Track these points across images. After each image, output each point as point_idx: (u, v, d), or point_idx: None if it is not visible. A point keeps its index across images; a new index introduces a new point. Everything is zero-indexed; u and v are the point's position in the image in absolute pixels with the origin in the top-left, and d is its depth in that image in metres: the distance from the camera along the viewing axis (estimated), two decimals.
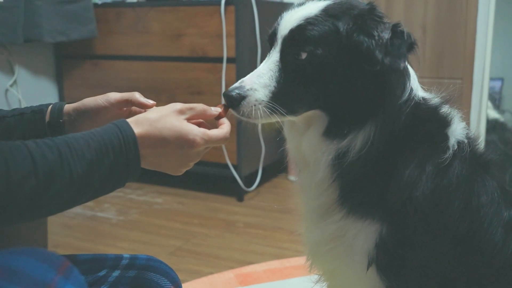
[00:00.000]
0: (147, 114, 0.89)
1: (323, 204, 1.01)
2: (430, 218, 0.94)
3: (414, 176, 0.94)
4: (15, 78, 2.91)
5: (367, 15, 0.93)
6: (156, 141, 0.86)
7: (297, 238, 2.36)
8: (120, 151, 0.82)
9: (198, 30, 2.73)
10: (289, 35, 0.96)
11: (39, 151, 0.73)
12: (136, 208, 2.73)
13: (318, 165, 0.98)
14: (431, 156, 0.95)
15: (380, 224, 0.95)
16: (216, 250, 2.25)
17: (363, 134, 0.93)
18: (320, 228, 1.02)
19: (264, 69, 0.97)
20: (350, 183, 0.97)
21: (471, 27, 2.87)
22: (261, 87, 0.96)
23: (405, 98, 0.95)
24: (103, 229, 2.49)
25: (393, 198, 0.94)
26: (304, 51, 0.93)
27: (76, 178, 0.76)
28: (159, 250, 2.25)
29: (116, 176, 0.82)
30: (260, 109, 0.95)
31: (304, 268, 1.29)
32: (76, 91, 3.16)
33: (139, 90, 0.93)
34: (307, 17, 0.95)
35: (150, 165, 0.90)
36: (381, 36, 0.89)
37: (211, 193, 2.92)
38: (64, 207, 0.78)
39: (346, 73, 0.92)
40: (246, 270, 2.01)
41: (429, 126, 0.98)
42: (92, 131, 0.82)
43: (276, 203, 2.78)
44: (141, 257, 1.09)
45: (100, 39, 3.02)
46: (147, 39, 2.89)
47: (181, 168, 0.93)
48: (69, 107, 1.01)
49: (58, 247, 2.28)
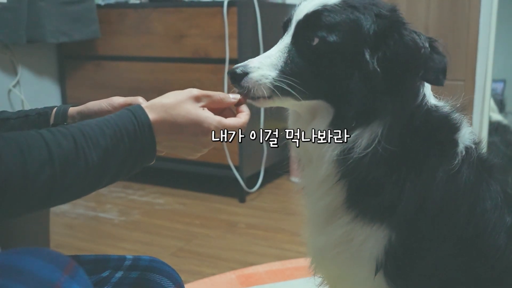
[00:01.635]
0: (162, 99, 0.88)
1: (328, 206, 0.99)
2: (439, 224, 0.94)
3: (425, 183, 0.93)
4: (18, 78, 2.92)
5: (400, 20, 0.92)
6: (170, 128, 0.86)
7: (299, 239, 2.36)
8: (135, 136, 0.82)
9: (200, 31, 2.73)
10: (303, 19, 0.95)
11: (54, 139, 0.74)
12: (138, 208, 2.74)
13: (322, 160, 0.95)
14: (441, 163, 0.95)
15: (389, 230, 0.94)
16: (217, 251, 2.25)
17: (370, 131, 0.91)
18: (326, 233, 1.01)
19: (274, 50, 0.96)
20: (358, 184, 0.95)
21: (473, 29, 2.87)
22: (267, 66, 0.94)
23: (417, 103, 0.95)
24: (105, 230, 2.49)
25: (403, 205, 0.93)
26: (317, 36, 0.92)
27: (92, 165, 0.77)
28: (161, 251, 2.25)
29: (132, 161, 0.83)
30: (265, 85, 0.93)
31: (306, 270, 1.29)
32: (78, 91, 3.16)
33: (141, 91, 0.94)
34: (325, 4, 0.94)
35: (164, 149, 0.90)
36: (423, 49, 0.88)
37: (213, 194, 2.92)
38: (80, 194, 0.79)
39: (356, 66, 0.91)
40: (248, 271, 2.01)
41: (439, 132, 0.97)
42: (107, 117, 0.83)
43: (278, 204, 2.78)
44: (144, 258, 1.09)
45: (103, 40, 3.02)
46: (150, 40, 2.89)
47: (194, 153, 0.93)
48: (73, 110, 1.01)
49: (60, 248, 2.28)
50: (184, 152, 0.92)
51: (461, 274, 0.97)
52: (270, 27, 2.79)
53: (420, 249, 0.94)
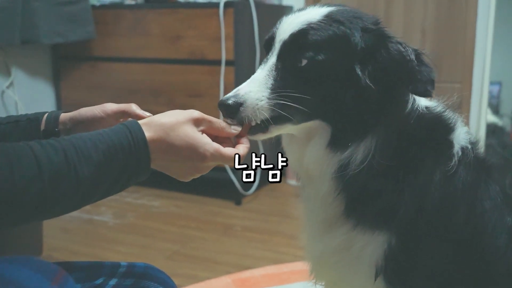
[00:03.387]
0: (161, 117, 0.86)
1: (328, 216, 0.99)
2: (438, 226, 0.94)
3: (423, 186, 0.93)
4: (12, 79, 2.89)
5: (383, 34, 0.92)
6: (166, 148, 0.85)
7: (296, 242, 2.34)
8: (130, 153, 0.80)
9: (197, 33, 2.72)
10: (289, 39, 0.93)
11: (45, 153, 0.72)
12: (133, 211, 2.72)
13: (322, 179, 0.96)
14: (437, 164, 0.94)
15: (389, 235, 0.94)
16: (213, 254, 2.23)
17: (364, 145, 0.91)
18: (324, 241, 1.00)
19: (260, 74, 0.93)
20: (356, 195, 0.95)
21: (470, 31, 2.86)
22: (258, 88, 0.91)
23: (408, 109, 0.94)
24: (99, 233, 2.46)
25: (403, 209, 0.92)
26: (305, 57, 0.90)
27: (83, 180, 0.75)
28: (156, 254, 2.23)
29: (125, 178, 0.81)
30: (263, 107, 0.90)
31: (302, 273, 1.28)
32: (73, 93, 3.14)
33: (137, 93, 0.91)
34: (310, 22, 0.91)
35: (157, 168, 0.88)
36: (410, 63, 0.88)
37: (208, 197, 2.90)
38: (70, 208, 0.77)
39: (349, 83, 0.91)
40: (244, 275, 1.99)
41: (433, 134, 0.97)
42: (101, 131, 0.81)
43: (275, 207, 2.76)
44: (138, 265, 1.07)
45: (98, 41, 3.00)
46: (146, 41, 2.87)
47: (188, 176, 0.91)
48: (65, 116, 1.00)
49: (54, 251, 2.26)
50: (176, 174, 0.90)
51: (461, 275, 0.97)
52: (266, 29, 2.75)
53: (420, 252, 0.94)
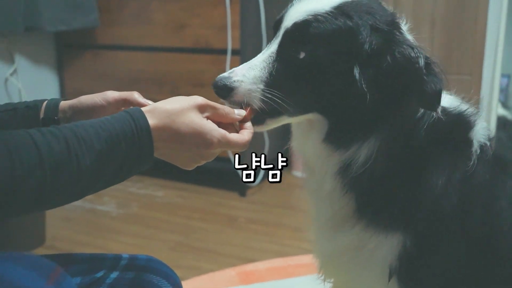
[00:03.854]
0: (165, 104, 0.83)
1: (337, 214, 0.96)
2: (454, 226, 0.91)
3: (440, 186, 0.90)
4: (15, 67, 2.86)
5: (398, 34, 0.87)
6: (171, 135, 0.82)
7: (300, 235, 2.32)
8: (133, 141, 0.77)
9: (202, 21, 2.67)
10: (291, 28, 0.89)
11: (45, 141, 0.70)
12: (137, 201, 2.69)
13: (324, 175, 0.93)
14: (456, 164, 0.91)
15: (404, 235, 0.91)
16: (217, 246, 2.20)
17: (367, 148, 0.88)
18: (334, 239, 0.97)
19: (258, 60, 0.90)
20: (367, 195, 0.92)
21: (481, 22, 2.81)
22: (251, 79, 0.89)
23: (420, 113, 0.90)
24: (102, 223, 2.44)
25: (419, 210, 0.89)
26: (304, 50, 0.87)
27: (85, 169, 0.72)
28: (159, 245, 2.20)
29: (127, 167, 0.78)
30: (256, 97, 0.88)
31: (308, 267, 1.25)
32: (77, 81, 3.11)
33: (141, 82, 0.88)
34: (317, 12, 0.87)
35: (161, 156, 0.86)
36: (418, 70, 0.83)
37: (213, 187, 2.87)
38: (72, 198, 0.75)
39: (346, 83, 0.87)
40: (248, 268, 1.96)
41: (452, 134, 0.94)
42: (103, 119, 0.78)
43: (279, 198, 2.73)
44: (140, 257, 1.04)
45: (102, 29, 2.96)
46: (150, 30, 2.83)
47: (192, 164, 0.89)
48: (65, 104, 0.96)
49: (56, 240, 2.24)
50: (181, 162, 0.87)
51: (477, 275, 0.94)
52: (273, 17, 2.72)
53: (436, 253, 0.91)
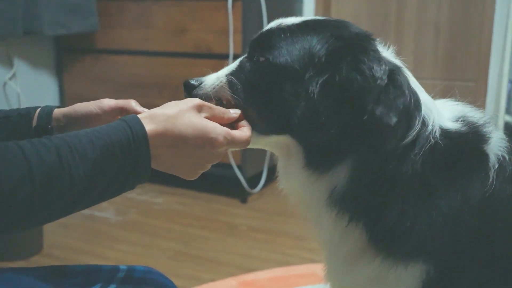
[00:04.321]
0: (164, 109, 0.80)
1: (351, 250, 0.90)
2: (479, 248, 0.85)
3: (457, 208, 0.83)
4: (14, 71, 2.82)
5: (363, 44, 0.83)
6: (173, 140, 0.78)
7: (302, 244, 2.27)
8: (129, 149, 0.74)
9: (203, 25, 2.64)
10: (256, 37, 0.92)
11: (35, 152, 0.66)
12: (136, 208, 2.64)
13: (317, 206, 0.88)
14: (472, 182, 0.85)
15: (427, 265, 0.85)
16: (217, 255, 2.16)
17: (344, 169, 0.84)
18: (352, 273, 0.91)
19: (223, 71, 0.95)
20: (376, 222, 0.86)
21: (487, 26, 2.77)
22: (221, 72, 0.95)
23: (410, 138, 0.83)
24: (101, 229, 2.40)
25: (438, 235, 0.84)
26: (262, 56, 0.88)
27: (78, 180, 0.69)
28: (159, 254, 2.16)
29: (123, 178, 0.74)
30: (224, 84, 0.92)
31: (310, 277, 1.21)
32: (76, 85, 3.07)
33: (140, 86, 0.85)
34: (281, 23, 0.90)
35: (161, 166, 0.81)
36: (379, 80, 0.78)
37: (213, 194, 2.82)
38: (64, 213, 0.72)
39: (300, 92, 0.84)
40: (249, 277, 1.92)
41: (463, 148, 0.86)
42: (97, 128, 0.75)
43: (281, 206, 2.68)
44: (138, 269, 1.00)
45: (102, 33, 2.92)
46: (150, 34, 2.79)
47: (196, 171, 0.85)
48: (59, 112, 0.93)
49: (54, 247, 2.20)
50: (185, 170, 0.83)
51: None
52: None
53: (462, 277, 0.85)
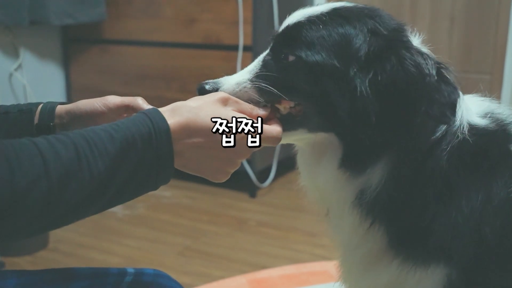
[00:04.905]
0: (186, 102, 0.76)
1: (368, 252, 0.86)
2: (504, 251, 0.80)
3: (478, 209, 0.79)
4: (20, 62, 2.78)
5: (403, 39, 0.78)
6: (198, 131, 0.73)
7: (313, 240, 2.23)
8: (150, 142, 0.69)
9: (213, 16, 2.58)
10: (281, 32, 0.84)
11: (51, 148, 0.63)
12: (143, 201, 2.60)
13: (343, 207, 0.84)
14: (495, 181, 0.80)
15: (448, 268, 0.81)
16: (226, 251, 2.12)
17: (380, 169, 0.80)
18: (369, 277, 0.87)
19: (248, 68, 0.86)
20: (397, 224, 0.82)
21: (503, 17, 2.69)
22: (239, 74, 0.85)
23: (439, 133, 0.79)
24: (108, 224, 2.36)
25: (460, 237, 0.79)
26: (293, 54, 0.80)
27: (97, 176, 0.65)
28: (167, 249, 2.12)
29: (144, 173, 0.70)
30: (248, 88, 0.83)
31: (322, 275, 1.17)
32: (83, 76, 3.03)
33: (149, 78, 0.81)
34: (311, 14, 0.81)
35: (187, 164, 0.76)
36: (428, 77, 0.74)
37: (221, 188, 2.77)
38: (82, 212, 0.68)
39: (343, 90, 0.78)
40: (260, 275, 1.87)
41: (487, 147, 0.82)
42: (116, 122, 0.71)
43: (291, 200, 2.64)
44: (147, 272, 0.96)
45: (109, 23, 2.87)
46: (159, 24, 2.74)
47: (225, 169, 0.78)
48: (62, 109, 0.89)
49: (60, 243, 2.17)
50: (212, 168, 0.77)
51: None
52: (287, 13, 2.62)
53: (486, 282, 0.81)
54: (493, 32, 2.75)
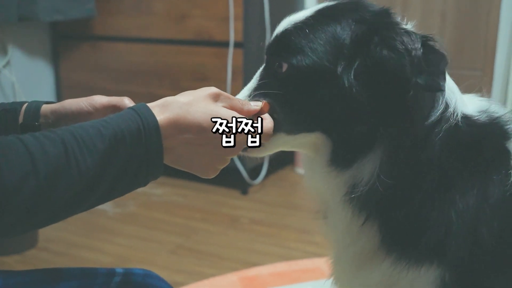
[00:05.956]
0: (176, 97, 0.75)
1: (361, 250, 0.86)
2: (499, 256, 0.79)
3: (473, 207, 0.78)
4: (8, 58, 2.75)
5: (386, 20, 0.78)
6: (188, 127, 0.73)
7: (305, 237, 2.22)
8: (139, 138, 0.69)
9: (204, 12, 2.56)
10: (272, 42, 0.84)
11: (38, 145, 0.63)
12: (134, 199, 2.59)
13: (337, 202, 0.84)
14: (491, 180, 0.79)
15: (441, 269, 0.80)
16: (218, 249, 2.11)
17: (370, 164, 0.79)
18: (361, 277, 0.87)
19: (245, 89, 0.86)
20: (390, 221, 0.81)
21: (494, 14, 2.69)
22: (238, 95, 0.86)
23: (434, 118, 0.78)
24: (98, 222, 2.34)
25: (453, 237, 0.78)
26: (285, 62, 0.80)
27: (86, 173, 0.65)
28: (159, 247, 2.11)
29: (133, 169, 0.69)
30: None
31: (314, 272, 1.17)
32: (73, 73, 3.00)
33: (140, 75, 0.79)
34: (297, 20, 0.81)
35: (178, 160, 0.76)
36: (414, 51, 0.72)
37: (213, 185, 2.76)
38: (72, 209, 0.68)
39: (336, 89, 0.78)
40: (251, 273, 1.87)
41: (483, 144, 0.81)
42: (105, 118, 0.71)
43: (282, 198, 2.63)
44: (136, 272, 0.94)
45: (100, 19, 2.84)
46: (150, 20, 2.72)
47: (215, 165, 0.78)
48: (47, 109, 0.87)
49: (50, 242, 2.15)
50: (202, 165, 0.77)
51: None
52: (278, 9, 2.61)
53: (480, 285, 0.80)
54: (483, 29, 2.75)
